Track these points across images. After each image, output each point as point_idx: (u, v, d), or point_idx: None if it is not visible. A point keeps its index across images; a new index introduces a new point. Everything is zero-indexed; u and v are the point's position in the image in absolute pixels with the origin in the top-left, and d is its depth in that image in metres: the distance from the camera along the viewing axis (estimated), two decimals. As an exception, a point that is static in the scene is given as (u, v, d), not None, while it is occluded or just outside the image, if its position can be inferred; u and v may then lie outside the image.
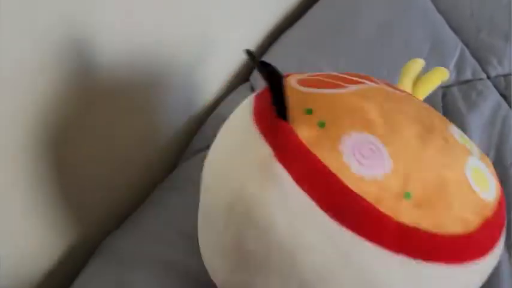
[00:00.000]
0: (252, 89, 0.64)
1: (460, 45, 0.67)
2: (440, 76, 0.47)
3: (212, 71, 0.61)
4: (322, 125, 0.28)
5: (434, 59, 0.64)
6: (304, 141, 0.26)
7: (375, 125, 0.28)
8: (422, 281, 0.27)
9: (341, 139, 0.27)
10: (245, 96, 0.63)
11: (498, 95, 0.59)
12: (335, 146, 0.27)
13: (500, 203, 0.33)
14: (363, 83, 0.34)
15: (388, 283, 0.26)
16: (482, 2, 0.73)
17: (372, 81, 0.36)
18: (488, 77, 0.62)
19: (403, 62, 0.63)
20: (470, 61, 0.64)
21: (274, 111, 0.28)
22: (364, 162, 0.26)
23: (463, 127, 0.53)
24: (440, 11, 0.73)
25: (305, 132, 0.27)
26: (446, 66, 0.63)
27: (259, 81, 0.64)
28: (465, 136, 0.36)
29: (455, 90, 0.60)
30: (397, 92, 0.36)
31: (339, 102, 0.30)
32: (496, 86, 0.61)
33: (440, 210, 0.28)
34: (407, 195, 0.27)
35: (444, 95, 0.59)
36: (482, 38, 0.67)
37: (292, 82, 0.33)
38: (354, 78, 0.35)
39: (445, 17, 0.72)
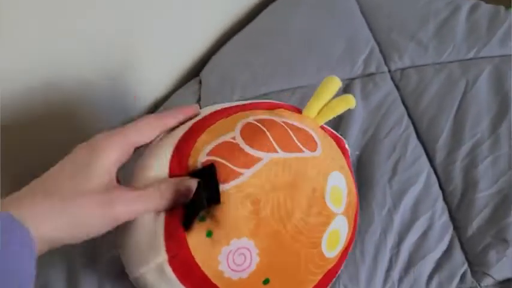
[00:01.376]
0: (200, 83, 0.78)
1: (371, 43, 0.79)
2: (345, 105, 0.48)
3: (162, 69, 0.76)
4: (209, 234, 0.36)
5: (346, 56, 0.77)
6: (191, 250, 0.35)
7: (252, 229, 0.37)
8: None
9: (221, 250, 0.36)
10: (193, 92, 0.79)
11: (392, 85, 0.72)
12: (215, 256, 0.36)
13: (342, 253, 0.43)
14: (260, 160, 0.39)
15: None
16: (399, 5, 0.85)
17: (274, 125, 0.42)
18: (389, 71, 0.75)
19: (321, 60, 0.77)
20: (378, 57, 0.77)
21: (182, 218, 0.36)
22: (235, 268, 0.36)
23: (351, 114, 0.66)
24: (363, 12, 0.86)
25: (194, 241, 0.35)
26: (356, 61, 0.76)
27: (206, 78, 0.79)
28: (340, 183, 0.44)
29: (357, 82, 0.73)
30: (292, 156, 0.41)
31: (228, 207, 0.36)
32: (392, 78, 0.73)
33: (292, 283, 0.39)
34: (266, 281, 0.37)
35: (346, 87, 0.72)
36: (392, 37, 0.79)
37: None
38: (253, 154, 0.39)
39: (366, 18, 0.84)
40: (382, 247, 0.51)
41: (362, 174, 0.59)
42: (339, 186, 0.44)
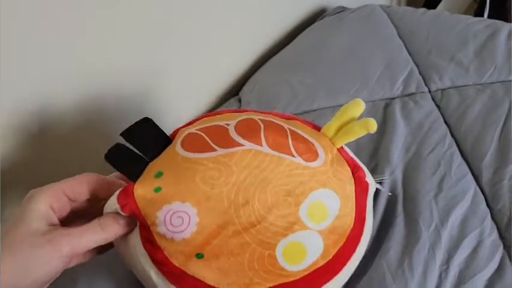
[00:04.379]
0: (240, 102, 0.80)
1: (411, 64, 0.80)
2: (365, 129, 0.44)
3: (203, 88, 0.78)
4: (157, 190, 0.37)
5: (386, 76, 0.78)
6: (138, 201, 0.37)
7: (199, 198, 0.37)
8: None
9: (162, 206, 0.37)
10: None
11: (433, 105, 0.72)
12: (154, 210, 0.37)
13: (310, 274, 0.38)
14: (240, 145, 0.40)
15: None
16: (437, 28, 0.86)
17: (273, 126, 0.42)
18: (430, 91, 0.75)
19: (360, 80, 0.78)
20: (417, 77, 0.77)
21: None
22: (171, 229, 0.37)
23: (393, 131, 0.66)
24: (401, 36, 0.87)
25: (140, 193, 0.37)
26: (395, 82, 0.77)
27: (246, 96, 0.80)
28: (329, 203, 0.41)
29: (397, 101, 0.73)
30: (273, 154, 0.40)
31: (185, 172, 0.38)
32: (433, 98, 0.73)
33: (231, 273, 0.37)
34: (198, 255, 0.37)
35: (387, 106, 0.72)
36: (431, 58, 0.80)
37: (178, 140, 0.42)
38: (236, 140, 0.40)
39: (404, 41, 0.85)
40: (431, 263, 0.50)
41: (406, 190, 0.58)
42: (324, 205, 0.41)
